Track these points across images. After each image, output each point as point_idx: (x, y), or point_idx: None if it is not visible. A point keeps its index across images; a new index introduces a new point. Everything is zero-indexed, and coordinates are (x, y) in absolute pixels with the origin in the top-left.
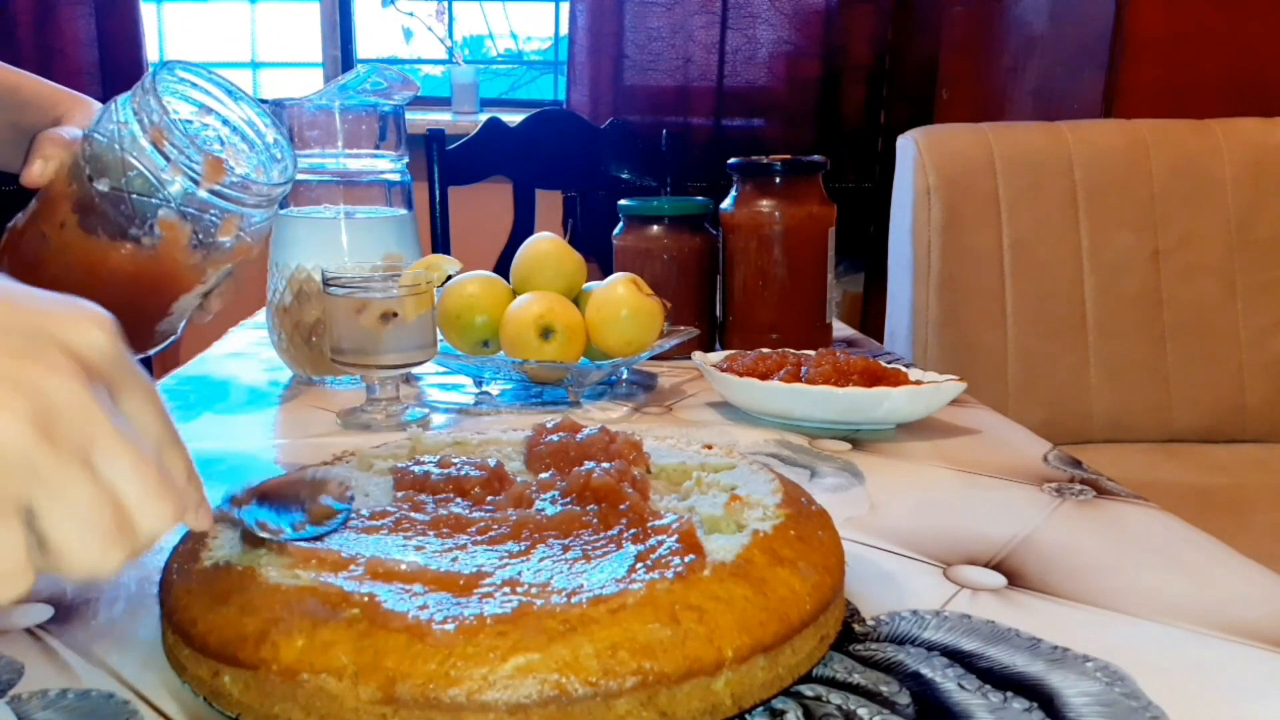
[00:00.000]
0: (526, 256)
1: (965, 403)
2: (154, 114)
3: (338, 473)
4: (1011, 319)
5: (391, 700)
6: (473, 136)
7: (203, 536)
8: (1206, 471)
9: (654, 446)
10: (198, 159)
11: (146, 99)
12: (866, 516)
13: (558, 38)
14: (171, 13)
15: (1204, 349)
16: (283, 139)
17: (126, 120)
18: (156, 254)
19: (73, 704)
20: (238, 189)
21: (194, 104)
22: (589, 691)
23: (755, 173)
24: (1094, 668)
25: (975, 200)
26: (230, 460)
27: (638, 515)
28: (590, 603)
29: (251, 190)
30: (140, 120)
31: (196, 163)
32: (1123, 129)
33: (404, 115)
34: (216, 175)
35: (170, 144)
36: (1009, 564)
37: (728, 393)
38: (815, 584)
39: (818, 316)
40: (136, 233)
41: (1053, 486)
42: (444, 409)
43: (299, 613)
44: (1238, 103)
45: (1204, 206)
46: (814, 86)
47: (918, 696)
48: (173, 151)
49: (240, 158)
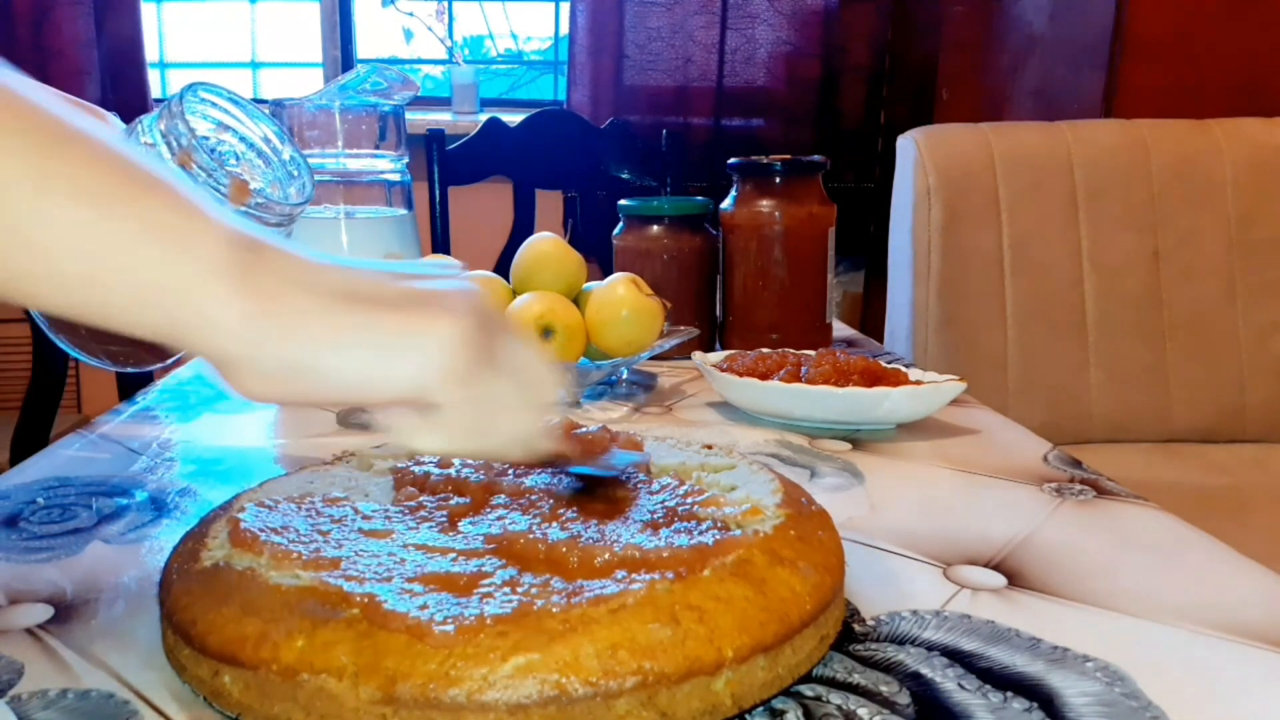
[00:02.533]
0: (526, 256)
1: (965, 403)
2: (182, 138)
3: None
4: (1011, 319)
5: (391, 700)
6: (473, 136)
7: (203, 537)
8: (1206, 471)
9: (654, 446)
10: (225, 181)
11: (174, 123)
12: (866, 516)
13: (558, 38)
14: (171, 13)
15: (1204, 349)
16: (299, 157)
17: (155, 143)
18: None
19: (73, 704)
20: (260, 209)
21: (212, 122)
22: (589, 691)
23: (755, 173)
24: (1094, 668)
25: (975, 200)
26: (230, 460)
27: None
28: (590, 603)
29: (273, 210)
30: (169, 143)
31: (223, 184)
32: (1123, 129)
33: (404, 115)
34: (242, 196)
35: (198, 166)
36: (1009, 564)
37: (728, 393)
38: (815, 584)
39: (818, 316)
40: None
41: (1053, 486)
42: None
43: (299, 613)
44: (1238, 103)
45: (1204, 206)
46: (814, 86)
47: (918, 696)
48: (200, 174)
49: (255, 173)
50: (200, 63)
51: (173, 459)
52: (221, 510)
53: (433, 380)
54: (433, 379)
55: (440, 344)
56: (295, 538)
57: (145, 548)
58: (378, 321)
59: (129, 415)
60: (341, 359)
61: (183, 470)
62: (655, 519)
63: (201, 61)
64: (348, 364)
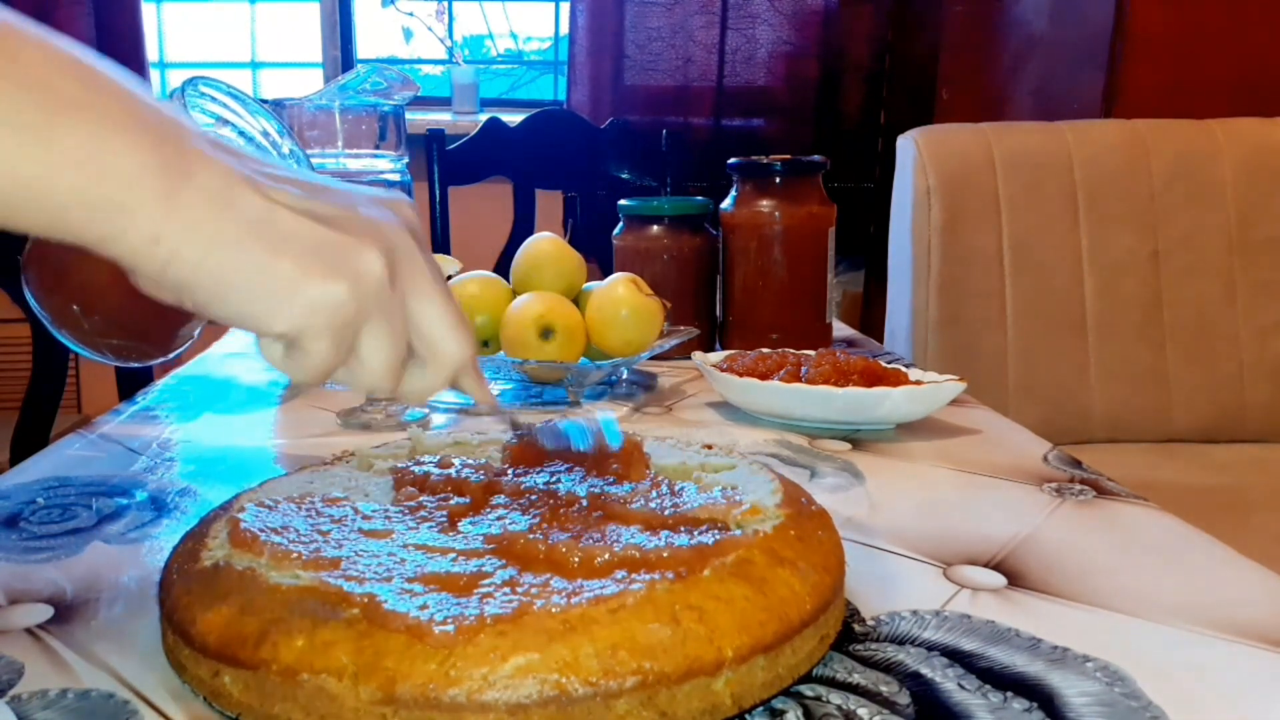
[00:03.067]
0: (526, 256)
1: (965, 403)
2: None
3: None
4: (1011, 319)
5: (391, 700)
6: (473, 136)
7: (203, 537)
8: (1206, 471)
9: (654, 446)
10: None
11: None
12: (866, 516)
13: (558, 38)
14: (171, 13)
15: (1204, 349)
16: (299, 151)
17: None
18: None
19: (73, 704)
20: None
21: (212, 116)
22: (589, 691)
23: (755, 173)
24: (1094, 668)
25: (975, 200)
26: (230, 460)
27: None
28: (590, 603)
29: None
30: None
31: None
32: (1123, 129)
33: (404, 115)
34: None
35: None
36: (1009, 564)
37: (728, 393)
38: (815, 584)
39: (818, 316)
40: None
41: (1053, 486)
42: (444, 409)
43: (299, 613)
44: (1238, 103)
45: (1204, 206)
46: (814, 86)
47: (918, 696)
48: None
49: None
50: (200, 62)
51: (173, 459)
52: (221, 510)
53: (300, 335)
54: (302, 333)
55: (317, 308)
56: (295, 538)
57: (145, 548)
58: (271, 268)
59: (129, 415)
60: (228, 297)
61: (183, 470)
62: (663, 513)
63: (202, 61)
64: (231, 304)
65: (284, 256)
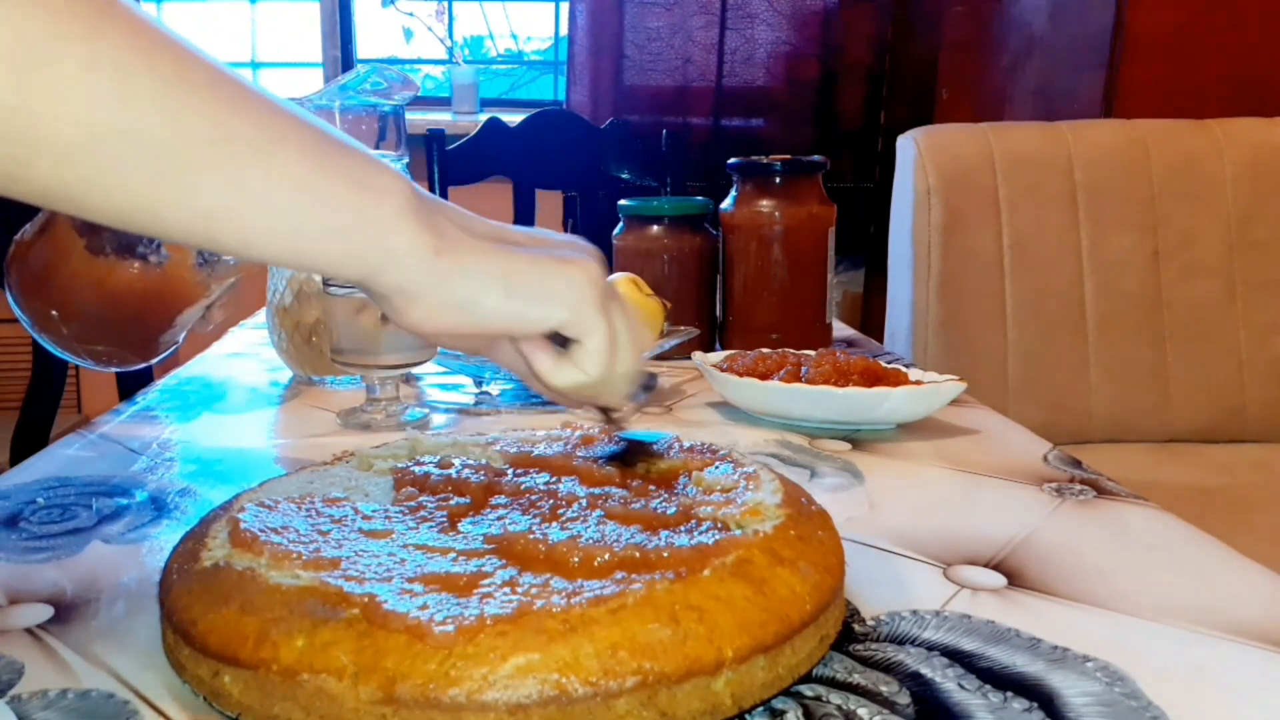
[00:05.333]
0: None
1: (965, 403)
2: None
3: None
4: (1011, 319)
5: (391, 700)
6: (473, 136)
7: (203, 537)
8: (1206, 471)
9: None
10: None
11: None
12: (866, 516)
13: (558, 38)
14: (171, 13)
15: (1204, 349)
16: None
17: None
18: (163, 271)
19: (73, 704)
20: None
21: None
22: (589, 691)
23: (755, 173)
24: (1094, 668)
25: (975, 200)
26: (230, 460)
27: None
28: (590, 603)
29: None
30: None
31: None
32: (1123, 129)
33: (404, 115)
34: None
35: None
36: (1009, 564)
37: (728, 393)
38: (815, 584)
39: (818, 316)
40: (144, 251)
41: (1053, 486)
42: (444, 409)
43: (299, 613)
44: (1238, 103)
45: (1204, 206)
46: (813, 87)
47: (918, 696)
48: None
49: None
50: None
51: (173, 459)
52: (221, 510)
53: (580, 311)
54: (580, 310)
55: (583, 282)
56: (295, 538)
57: (145, 548)
58: (532, 264)
59: (129, 415)
60: (506, 295)
61: (183, 470)
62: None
63: None
64: (510, 301)
65: (534, 255)
